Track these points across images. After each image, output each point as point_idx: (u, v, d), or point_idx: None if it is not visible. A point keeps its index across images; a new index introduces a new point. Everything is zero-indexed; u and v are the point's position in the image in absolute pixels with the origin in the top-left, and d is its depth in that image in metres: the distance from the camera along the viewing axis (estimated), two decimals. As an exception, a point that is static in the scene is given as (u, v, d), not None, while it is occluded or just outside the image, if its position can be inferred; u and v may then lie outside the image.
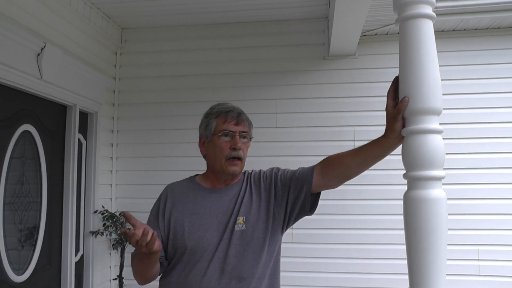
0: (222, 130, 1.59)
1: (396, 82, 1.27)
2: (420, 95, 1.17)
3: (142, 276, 1.56)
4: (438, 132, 1.17)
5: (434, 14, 1.20)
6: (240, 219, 1.55)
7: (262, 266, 1.55)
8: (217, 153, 1.59)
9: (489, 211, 3.80)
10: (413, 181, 1.17)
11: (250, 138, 1.66)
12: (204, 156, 1.68)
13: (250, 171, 1.70)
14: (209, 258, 1.52)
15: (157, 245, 1.40)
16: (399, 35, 1.24)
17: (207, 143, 1.64)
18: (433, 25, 1.21)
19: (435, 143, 1.15)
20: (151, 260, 1.47)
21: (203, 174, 1.71)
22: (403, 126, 1.25)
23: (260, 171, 1.69)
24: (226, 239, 1.53)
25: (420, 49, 1.18)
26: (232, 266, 1.51)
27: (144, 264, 1.50)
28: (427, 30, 1.19)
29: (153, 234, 1.36)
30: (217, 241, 1.53)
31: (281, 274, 1.67)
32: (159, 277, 1.63)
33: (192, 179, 1.71)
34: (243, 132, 1.60)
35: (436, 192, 1.14)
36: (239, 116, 1.60)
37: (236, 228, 1.54)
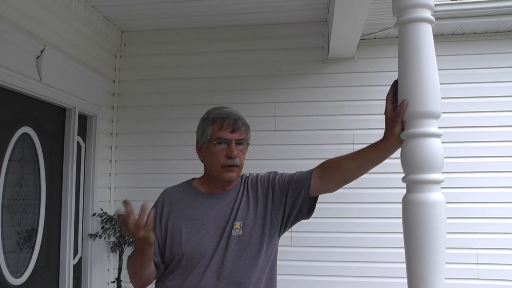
0: (217, 138, 1.56)
1: (395, 86, 1.27)
2: (419, 98, 1.17)
3: (137, 277, 1.55)
4: (437, 135, 1.17)
5: (433, 18, 1.21)
6: (237, 224, 1.55)
7: (259, 271, 1.54)
8: (213, 160, 1.57)
9: (488, 215, 3.80)
10: (412, 185, 1.17)
11: (248, 144, 1.64)
12: (202, 161, 1.67)
13: (248, 175, 1.69)
14: (206, 263, 1.51)
15: (152, 235, 1.40)
16: (398, 39, 1.24)
17: (204, 149, 1.62)
18: (432, 29, 1.22)
19: (434, 147, 1.16)
20: (145, 258, 1.47)
21: (200, 178, 1.70)
22: (402, 129, 1.25)
23: (257, 175, 1.68)
24: (223, 244, 1.53)
25: (419, 52, 1.18)
26: (229, 271, 1.50)
27: (139, 263, 1.50)
28: (426, 34, 1.19)
29: (149, 212, 1.37)
30: (214, 247, 1.53)
31: (280, 277, 1.67)
32: (155, 280, 1.63)
33: (189, 183, 1.70)
34: (240, 139, 1.58)
35: (435, 195, 1.14)
36: (235, 123, 1.57)
37: (233, 233, 1.53)
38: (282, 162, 3.95)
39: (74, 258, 3.62)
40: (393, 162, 1.57)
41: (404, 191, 1.21)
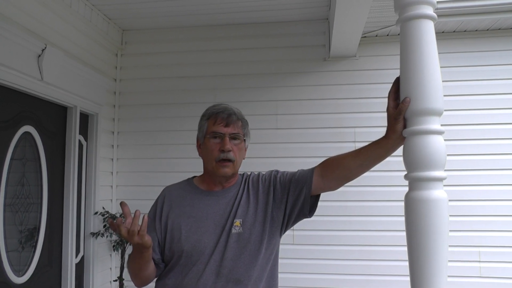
0: (211, 132, 1.58)
1: (397, 83, 1.27)
2: (421, 95, 1.17)
3: (137, 277, 1.56)
4: (440, 133, 1.17)
5: (435, 14, 1.20)
6: (237, 222, 1.54)
7: (258, 269, 1.54)
8: (208, 155, 1.59)
9: (491, 213, 3.79)
10: (415, 182, 1.17)
11: (245, 139, 1.64)
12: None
13: (249, 173, 1.69)
14: (205, 261, 1.51)
15: (148, 239, 1.40)
16: (400, 36, 1.24)
17: (202, 145, 1.64)
18: (434, 26, 1.21)
19: (437, 144, 1.15)
20: (143, 259, 1.47)
21: (200, 175, 1.70)
22: (404, 126, 1.24)
23: (259, 173, 1.68)
24: (222, 242, 1.52)
25: (421, 49, 1.17)
26: (229, 269, 1.50)
27: (138, 264, 1.50)
28: (428, 31, 1.18)
29: (143, 217, 1.36)
30: (213, 244, 1.52)
31: (282, 275, 1.67)
32: (155, 279, 1.63)
33: (189, 181, 1.71)
34: (233, 133, 1.59)
35: (437, 193, 1.14)
36: (229, 117, 1.58)
37: (233, 231, 1.53)
38: (283, 160, 3.95)
39: (76, 256, 3.63)
40: (395, 160, 1.57)
41: (406, 189, 1.21)
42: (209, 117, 1.61)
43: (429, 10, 1.19)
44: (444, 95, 1.19)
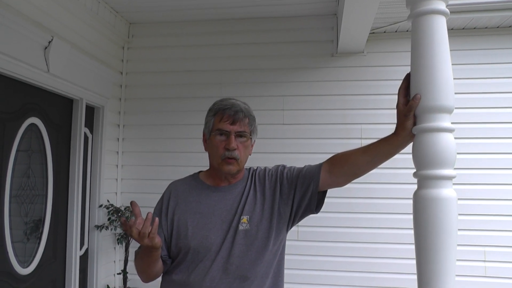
0: (217, 129, 1.56)
1: (407, 79, 1.25)
2: (432, 92, 1.15)
3: (145, 274, 1.56)
4: (450, 130, 1.15)
5: (447, 10, 1.18)
6: (244, 219, 1.53)
7: (265, 265, 1.53)
8: (213, 152, 1.58)
9: (496, 212, 3.76)
10: (424, 180, 1.15)
11: (251, 137, 1.61)
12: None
13: (255, 168, 1.68)
14: (212, 257, 1.50)
15: (158, 240, 1.39)
16: (412, 31, 1.22)
17: (208, 140, 1.63)
18: (445, 22, 1.19)
19: (447, 142, 1.14)
20: (152, 258, 1.46)
21: (206, 171, 1.69)
22: (414, 124, 1.23)
23: (265, 168, 1.66)
24: (229, 238, 1.51)
25: (433, 45, 1.15)
26: (236, 266, 1.49)
27: (146, 262, 1.50)
28: (440, 27, 1.16)
29: (154, 220, 1.36)
30: (220, 241, 1.52)
31: (286, 271, 1.66)
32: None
33: (195, 176, 1.69)
34: (240, 131, 1.56)
35: (446, 191, 1.12)
36: (235, 115, 1.55)
37: (240, 227, 1.52)
38: (290, 156, 3.94)
39: (80, 249, 3.64)
40: (401, 157, 1.55)
41: (413, 186, 1.19)
42: (216, 113, 1.59)
43: (442, 6, 1.17)
44: (454, 93, 1.17)
